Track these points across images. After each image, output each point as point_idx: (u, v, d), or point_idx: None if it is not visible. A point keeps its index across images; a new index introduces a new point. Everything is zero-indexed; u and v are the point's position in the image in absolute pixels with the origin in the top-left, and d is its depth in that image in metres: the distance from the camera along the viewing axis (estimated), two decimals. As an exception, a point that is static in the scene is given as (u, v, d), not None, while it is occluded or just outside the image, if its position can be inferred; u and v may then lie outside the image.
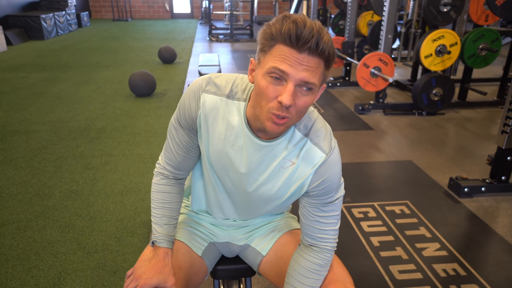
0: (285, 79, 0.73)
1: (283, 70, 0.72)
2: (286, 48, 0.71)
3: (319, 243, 0.95)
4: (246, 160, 0.89)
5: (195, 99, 0.89)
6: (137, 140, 3.03)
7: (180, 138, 0.94)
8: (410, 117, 3.72)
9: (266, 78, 0.74)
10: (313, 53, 0.71)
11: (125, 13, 12.53)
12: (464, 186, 2.29)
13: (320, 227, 0.93)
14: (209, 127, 0.89)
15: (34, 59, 6.01)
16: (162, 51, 5.86)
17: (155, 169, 1.02)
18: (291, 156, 0.89)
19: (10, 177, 2.41)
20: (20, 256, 1.71)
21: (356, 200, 2.26)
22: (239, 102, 0.88)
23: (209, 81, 0.89)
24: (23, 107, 3.75)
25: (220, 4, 12.40)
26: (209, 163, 0.94)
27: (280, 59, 0.72)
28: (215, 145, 0.90)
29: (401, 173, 2.63)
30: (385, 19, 3.59)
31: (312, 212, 0.93)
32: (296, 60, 0.71)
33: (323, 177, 0.88)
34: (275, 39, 0.73)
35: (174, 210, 1.01)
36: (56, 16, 8.57)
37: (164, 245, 0.96)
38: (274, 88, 0.74)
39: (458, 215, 2.13)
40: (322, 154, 0.88)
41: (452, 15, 3.60)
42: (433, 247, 1.87)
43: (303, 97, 0.75)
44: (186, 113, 0.90)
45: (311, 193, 0.91)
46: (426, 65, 3.60)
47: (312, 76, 0.73)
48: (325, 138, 0.89)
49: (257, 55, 0.78)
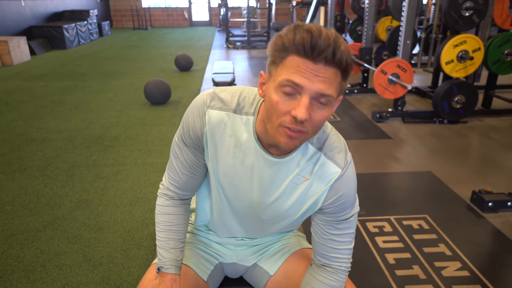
0: (299, 92, 0.68)
1: (297, 82, 0.66)
2: (300, 59, 0.66)
3: (333, 263, 0.89)
4: (257, 178, 0.84)
5: (199, 116, 0.83)
6: (149, 149, 3.02)
7: (184, 157, 0.89)
8: (431, 125, 3.58)
9: (278, 92, 0.69)
10: (330, 63, 0.66)
11: (145, 22, 12.78)
12: (488, 200, 2.15)
13: (334, 246, 0.88)
14: (216, 145, 0.84)
15: (55, 68, 6.16)
16: (179, 58, 5.90)
17: (159, 190, 0.97)
18: (304, 172, 0.83)
19: (23, 186, 2.42)
20: (26, 268, 1.70)
21: (371, 213, 2.16)
22: (247, 116, 0.83)
23: (214, 96, 0.84)
24: (42, 115, 3.82)
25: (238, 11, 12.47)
26: (217, 182, 0.88)
27: (293, 71, 0.67)
28: (223, 163, 0.85)
29: (420, 184, 2.51)
30: (404, 24, 3.48)
31: (325, 230, 0.87)
32: (311, 72, 0.66)
33: (339, 193, 0.83)
34: (287, 50, 0.67)
35: (181, 232, 0.95)
36: (78, 26, 8.80)
37: (171, 271, 0.91)
38: (287, 102, 0.69)
39: (481, 232, 2.00)
40: (338, 169, 0.82)
41: (475, 20, 3.46)
42: (454, 266, 1.75)
43: (319, 111, 0.70)
44: (191, 131, 0.85)
45: (326, 210, 0.86)
46: (447, 72, 3.46)
47: (329, 88, 0.68)
48: (340, 152, 0.83)
49: (268, 67, 0.73)
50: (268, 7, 9.15)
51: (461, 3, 3.39)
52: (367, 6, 4.46)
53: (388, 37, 4.58)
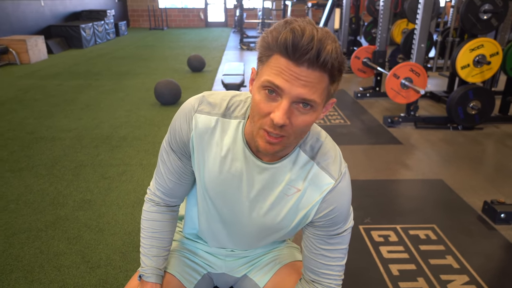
0: (280, 95, 0.65)
1: (278, 85, 0.63)
2: (283, 60, 0.63)
3: (322, 280, 0.85)
4: (246, 185, 0.80)
5: (186, 120, 0.80)
6: (156, 150, 3.01)
7: (172, 163, 0.86)
8: (444, 131, 3.47)
9: (260, 92, 0.67)
10: (314, 66, 0.62)
11: (162, 22, 12.90)
12: (501, 211, 2.06)
13: (325, 262, 0.83)
14: (204, 151, 0.81)
15: (70, 67, 6.26)
16: (192, 59, 5.91)
17: (146, 195, 0.95)
18: (295, 181, 0.79)
19: (29, 185, 2.45)
20: (24, 268, 1.70)
21: (377, 221, 2.10)
22: (236, 120, 0.79)
23: (202, 100, 0.81)
24: (53, 114, 3.87)
25: (253, 12, 12.46)
26: (204, 190, 0.85)
27: (275, 72, 0.64)
28: (210, 170, 0.81)
29: (429, 193, 2.43)
30: (418, 27, 3.39)
31: (316, 244, 0.83)
32: (293, 74, 0.62)
33: (331, 206, 0.79)
34: (271, 49, 0.64)
35: (165, 240, 0.93)
36: (95, 25, 8.93)
37: (152, 280, 0.89)
38: (267, 104, 0.66)
39: (492, 244, 1.91)
40: (331, 180, 0.78)
41: (493, 23, 3.34)
42: (461, 280, 1.67)
43: (301, 116, 0.66)
44: (178, 137, 0.82)
45: (317, 224, 0.81)
46: (463, 77, 3.35)
47: (311, 92, 0.64)
48: (334, 162, 0.79)
49: (257, 63, 0.70)
50: (283, 9, 9.10)
51: (479, 6, 3.28)
52: (382, 8, 4.38)
53: (403, 40, 4.48)
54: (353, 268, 1.72)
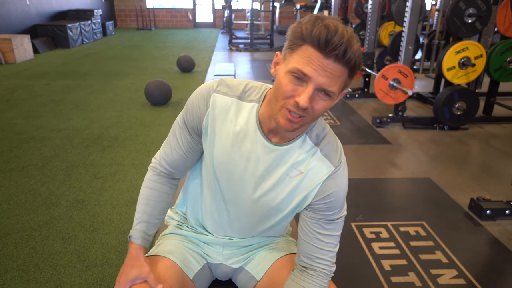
0: (305, 81, 0.73)
1: (306, 73, 0.71)
2: (313, 51, 0.71)
3: (315, 264, 0.89)
4: (253, 164, 0.86)
5: (204, 98, 0.87)
6: (148, 150, 3.01)
7: (182, 137, 0.93)
8: (431, 131, 3.57)
9: (288, 76, 0.74)
10: (339, 61, 0.70)
11: (149, 22, 12.82)
12: (486, 208, 2.14)
13: (320, 246, 0.89)
14: (216, 129, 0.87)
15: (58, 67, 6.18)
16: (181, 60, 5.90)
17: (150, 163, 1.01)
18: (299, 164, 0.86)
19: (20, 185, 2.42)
20: (19, 268, 1.69)
21: (368, 219, 2.15)
22: (251, 103, 0.86)
23: (221, 82, 0.88)
24: (42, 114, 3.82)
25: (242, 13, 12.49)
26: (212, 167, 0.90)
27: (305, 61, 0.71)
28: (221, 147, 0.87)
29: (418, 191, 2.50)
30: (406, 30, 3.47)
31: (313, 228, 0.89)
32: (321, 65, 0.71)
33: (330, 190, 0.86)
34: (304, 39, 0.72)
35: (158, 209, 0.99)
36: (82, 25, 8.83)
37: (138, 242, 0.95)
38: (294, 87, 0.73)
39: (479, 240, 1.98)
40: (331, 166, 0.86)
41: (478, 27, 3.45)
42: (450, 274, 1.73)
43: (320, 101, 0.75)
44: (194, 112, 0.88)
45: (315, 206, 0.87)
46: (449, 78, 3.45)
47: (333, 83, 0.72)
48: (336, 152, 0.87)
49: (284, 50, 0.77)
50: (272, 10, 9.16)
51: (464, 10, 3.38)
52: (370, 11, 4.46)
53: (391, 42, 4.58)
54: (347, 264, 1.76)
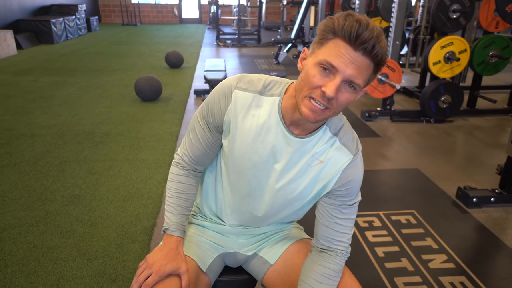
0: (333, 73, 0.75)
1: (334, 65, 0.74)
2: (343, 44, 0.74)
3: (334, 246, 0.94)
4: (276, 155, 0.90)
5: (225, 95, 0.90)
6: (141, 145, 3.02)
7: (202, 134, 0.95)
8: (418, 124, 3.67)
9: (316, 67, 0.77)
10: (367, 55, 0.74)
11: (134, 18, 12.66)
12: (473, 196, 2.23)
13: (338, 229, 0.94)
14: (238, 124, 0.90)
15: (43, 63, 6.07)
16: (169, 55, 5.88)
17: (174, 159, 1.04)
18: (319, 154, 0.89)
19: (13, 181, 2.41)
20: (19, 262, 1.70)
21: (361, 209, 2.19)
22: (273, 97, 0.89)
23: (241, 79, 0.91)
24: (30, 110, 3.78)
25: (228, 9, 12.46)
26: (233, 161, 0.93)
27: (334, 54, 0.74)
28: (243, 141, 0.90)
29: (407, 181, 2.58)
30: (393, 25, 3.55)
31: (332, 213, 0.93)
32: (349, 58, 0.73)
33: (349, 177, 0.90)
34: (335, 33, 0.75)
35: (188, 201, 1.02)
36: (66, 20, 8.68)
37: (177, 234, 0.97)
38: (321, 78, 0.76)
39: (466, 226, 2.08)
40: (350, 155, 0.90)
41: (462, 22, 3.55)
42: (440, 258, 1.82)
43: (345, 93, 0.77)
44: (215, 109, 0.91)
45: (335, 193, 0.92)
46: (435, 72, 3.55)
47: (360, 76, 0.75)
48: (353, 141, 0.91)
49: (313, 44, 0.80)
50: (259, 6, 9.18)
51: (448, 6, 3.48)
52: (357, 7, 4.53)
53: (377, 38, 4.66)
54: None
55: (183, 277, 0.92)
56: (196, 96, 4.43)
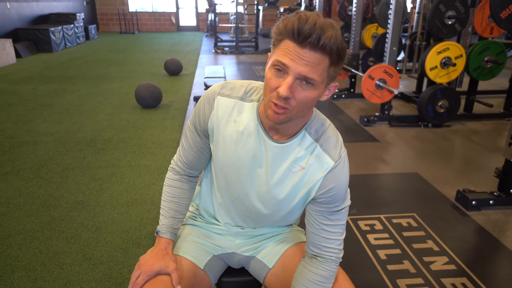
0: (286, 72, 0.76)
1: (284, 63, 0.75)
2: (291, 43, 0.75)
3: (323, 253, 0.95)
4: (258, 160, 0.91)
5: (209, 102, 0.93)
6: (143, 151, 3.04)
7: (193, 139, 0.99)
8: (416, 129, 3.71)
9: (271, 70, 0.79)
10: (315, 49, 0.73)
11: (132, 26, 12.73)
12: (472, 199, 2.27)
13: (326, 236, 0.94)
14: (220, 129, 0.92)
15: (42, 71, 6.10)
16: (168, 63, 5.92)
17: (170, 165, 1.08)
18: (300, 160, 0.90)
19: (17, 188, 2.42)
20: (26, 267, 1.71)
21: (363, 212, 2.25)
22: (251, 102, 0.92)
23: (224, 86, 0.94)
24: (31, 118, 3.80)
25: (226, 17, 12.56)
26: (219, 165, 0.96)
27: (283, 53, 0.76)
28: (227, 146, 0.92)
29: (407, 185, 2.61)
30: (390, 32, 3.62)
31: (318, 220, 0.94)
32: (297, 55, 0.74)
33: (332, 184, 0.90)
34: (282, 34, 0.77)
35: (182, 205, 1.05)
36: (64, 29, 8.72)
37: (167, 236, 1.00)
38: (276, 80, 0.78)
39: (466, 228, 2.11)
40: (331, 161, 0.89)
41: (457, 28, 3.62)
42: (441, 260, 1.84)
43: (303, 91, 0.77)
44: (201, 116, 0.95)
45: (318, 200, 0.92)
46: (431, 77, 3.60)
47: (312, 71, 0.75)
48: (336, 146, 0.91)
49: (271, 49, 0.82)
50: (256, 13, 9.26)
51: (444, 12, 3.54)
52: (354, 14, 4.60)
53: (375, 44, 4.73)
54: (345, 254, 1.82)
55: (172, 275, 0.93)
56: (196, 102, 4.45)
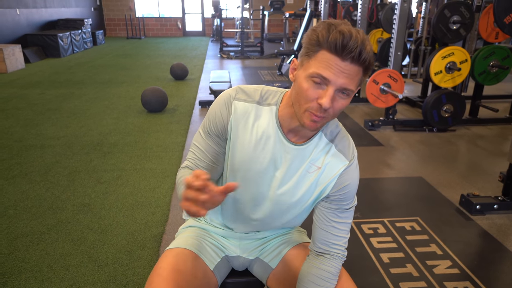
0: (326, 84, 0.78)
1: (326, 77, 0.77)
2: (330, 56, 0.76)
3: (331, 250, 0.97)
4: (276, 163, 0.93)
5: (226, 106, 0.93)
6: (148, 155, 3.07)
7: (207, 147, 0.95)
8: (421, 133, 3.71)
9: (308, 81, 0.80)
10: (355, 62, 0.77)
11: (139, 31, 12.87)
12: (476, 203, 2.26)
13: (335, 233, 0.97)
14: (238, 132, 0.93)
15: (50, 76, 6.19)
16: (174, 67, 5.98)
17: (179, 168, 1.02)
18: (316, 160, 0.93)
19: (25, 191, 2.46)
20: (33, 269, 1.74)
21: (366, 216, 2.25)
22: (270, 106, 0.93)
23: (238, 90, 0.95)
24: (39, 122, 3.85)
25: (231, 22, 12.65)
26: (233, 169, 0.95)
27: (323, 66, 0.77)
28: (244, 149, 0.93)
29: (411, 189, 2.61)
30: (394, 37, 3.63)
31: (329, 217, 0.96)
32: (339, 68, 0.76)
33: (346, 182, 0.94)
34: (320, 45, 0.78)
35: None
36: (72, 34, 8.84)
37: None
38: (315, 91, 0.79)
39: (470, 233, 2.10)
40: (346, 160, 0.94)
41: (462, 33, 3.62)
42: (445, 264, 1.84)
43: (340, 100, 0.81)
44: (217, 121, 0.93)
45: (332, 198, 0.95)
46: (436, 82, 3.61)
47: (351, 83, 0.79)
48: (349, 147, 0.95)
49: (301, 57, 0.83)
50: (262, 18, 9.32)
51: (449, 17, 3.55)
52: (359, 19, 4.62)
53: (379, 49, 4.74)
54: (348, 258, 1.83)
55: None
56: (201, 107, 4.50)
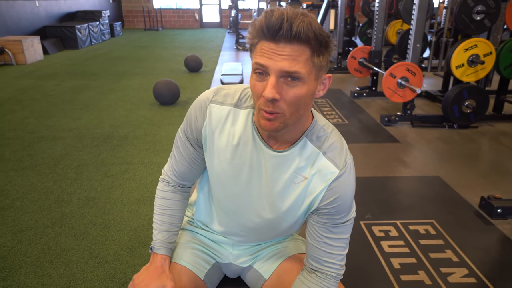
0: (267, 73, 0.71)
1: (262, 63, 0.70)
2: (265, 42, 0.70)
3: (324, 268, 0.88)
4: (256, 172, 0.85)
5: (201, 110, 0.86)
6: (157, 148, 3.04)
7: (184, 149, 0.93)
8: (440, 130, 3.54)
9: (253, 76, 0.74)
10: (290, 40, 0.68)
11: (156, 23, 12.89)
12: (497, 207, 2.12)
13: (327, 250, 0.86)
14: (214, 139, 0.86)
15: (67, 68, 6.25)
16: (188, 59, 5.93)
17: (161, 175, 1.02)
18: (302, 169, 0.83)
19: (33, 183, 2.46)
20: (33, 263, 1.73)
21: (377, 217, 2.15)
22: (246, 109, 0.85)
23: (217, 92, 0.87)
24: (53, 114, 3.88)
25: (248, 13, 12.51)
26: (214, 177, 0.90)
27: (260, 54, 0.71)
28: (221, 157, 0.86)
29: (427, 189, 2.49)
30: (414, 28, 3.46)
31: (320, 232, 0.86)
32: (273, 51, 0.69)
33: (336, 194, 0.82)
34: (255, 37, 0.72)
35: (176, 217, 0.99)
36: (90, 26, 8.91)
37: (162, 252, 0.94)
38: (260, 84, 0.72)
39: (490, 238, 1.97)
40: (335, 170, 0.82)
41: (486, 24, 3.42)
42: (460, 272, 1.73)
43: (291, 89, 0.71)
44: (193, 125, 0.88)
45: (321, 211, 0.85)
46: (458, 76, 3.43)
47: (293, 64, 0.69)
48: (340, 153, 0.83)
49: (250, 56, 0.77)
50: (279, 9, 9.16)
51: (472, 7, 3.35)
52: (377, 9, 4.45)
53: (398, 41, 4.55)
54: (356, 262, 1.77)
55: None
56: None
